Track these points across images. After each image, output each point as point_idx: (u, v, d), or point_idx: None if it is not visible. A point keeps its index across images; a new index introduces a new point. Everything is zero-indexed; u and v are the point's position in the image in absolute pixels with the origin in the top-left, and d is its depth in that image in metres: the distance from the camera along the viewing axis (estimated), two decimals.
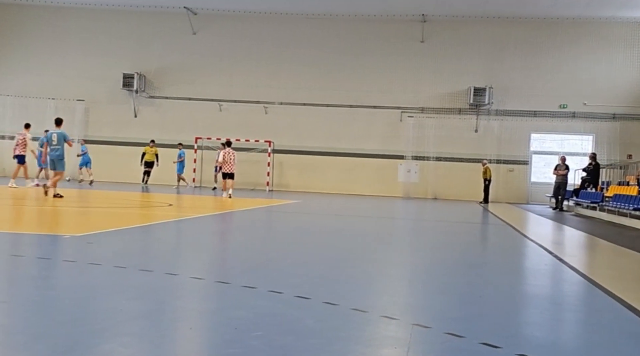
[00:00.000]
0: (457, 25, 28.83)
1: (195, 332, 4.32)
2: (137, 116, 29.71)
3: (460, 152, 28.76)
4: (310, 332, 4.27)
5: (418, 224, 15.41)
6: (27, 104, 29.22)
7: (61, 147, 16.16)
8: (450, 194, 28.72)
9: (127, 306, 4.75)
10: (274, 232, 12.16)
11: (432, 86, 28.98)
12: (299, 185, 29.21)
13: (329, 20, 29.12)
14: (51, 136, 16.34)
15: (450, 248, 10.40)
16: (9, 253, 7.19)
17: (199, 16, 29.39)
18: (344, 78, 29.17)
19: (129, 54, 29.55)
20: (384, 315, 4.85)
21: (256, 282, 5.87)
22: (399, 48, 29.13)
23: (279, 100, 29.35)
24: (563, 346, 4.42)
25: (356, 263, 7.99)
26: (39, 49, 29.80)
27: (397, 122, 29.17)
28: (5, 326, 4.18)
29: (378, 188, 29.04)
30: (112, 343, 3.83)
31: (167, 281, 5.88)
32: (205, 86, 29.41)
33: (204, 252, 8.61)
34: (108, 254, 7.48)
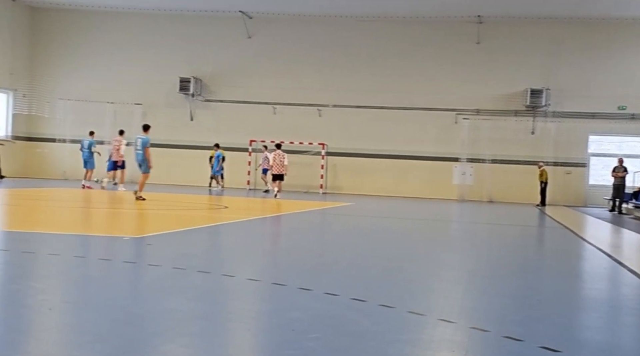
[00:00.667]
0: (514, 26, 28.34)
1: (253, 333, 4.36)
2: (193, 119, 30.20)
3: (517, 154, 28.25)
4: (366, 334, 4.27)
5: (474, 227, 15.21)
6: (87, 108, 30.03)
7: (142, 152, 16.89)
8: (506, 197, 28.24)
9: (186, 307, 4.84)
10: (328, 234, 12.18)
11: (488, 87, 28.56)
12: (352, 187, 29.19)
13: (382, 22, 29.03)
14: (136, 141, 17.17)
15: (507, 251, 10.23)
16: (71, 254, 7.40)
17: (254, 20, 29.70)
18: (397, 80, 29.02)
19: (186, 58, 30.06)
20: (441, 318, 4.80)
21: (312, 284, 5.89)
22: (454, 49, 28.82)
23: (332, 102, 29.40)
24: (623, 351, 4.30)
25: (412, 265, 7.94)
26: (98, 54, 30.58)
27: (452, 124, 28.86)
28: (69, 326, 4.30)
29: (432, 191, 28.77)
30: (173, 343, 3.90)
31: (224, 282, 5.96)
32: (260, 89, 29.68)
33: (260, 254, 8.69)
34: (167, 255, 7.62)
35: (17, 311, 4.52)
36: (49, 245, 7.95)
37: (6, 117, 29.94)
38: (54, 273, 6.21)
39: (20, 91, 30.01)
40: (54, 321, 4.37)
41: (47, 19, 30.79)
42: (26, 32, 30.50)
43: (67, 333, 4.11)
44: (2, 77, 29.14)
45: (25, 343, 3.78)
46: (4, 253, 7.14)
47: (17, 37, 29.91)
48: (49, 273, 6.20)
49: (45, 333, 4.12)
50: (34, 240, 8.31)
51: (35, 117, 30.33)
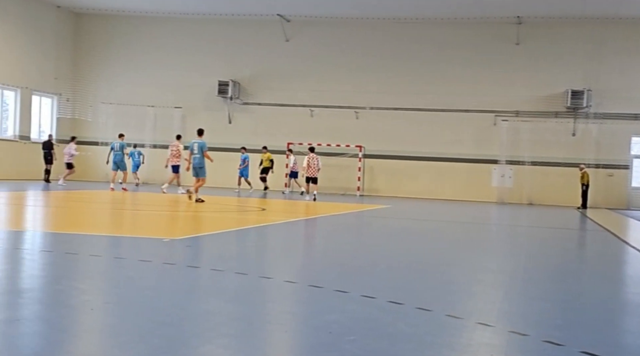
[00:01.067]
0: (554, 27, 27.92)
1: (290, 335, 4.38)
2: (231, 122, 30.46)
3: (557, 156, 27.81)
4: (404, 337, 4.26)
5: (513, 230, 15.02)
6: (128, 112, 30.54)
7: (200, 155, 17.24)
8: (547, 200, 27.82)
9: (224, 309, 4.89)
10: (365, 237, 12.17)
11: (528, 88, 28.19)
12: (389, 190, 29.09)
13: (420, 23, 28.89)
14: (193, 146, 17.47)
15: (547, 255, 10.09)
16: (112, 255, 7.54)
17: (292, 23, 29.84)
18: (435, 82, 28.84)
19: (224, 61, 30.35)
20: (479, 322, 4.76)
21: (349, 286, 5.90)
22: (493, 50, 28.52)
23: (370, 105, 29.35)
24: None
25: (449, 268, 7.88)
26: (139, 58, 31.08)
27: (491, 126, 28.55)
28: (109, 326, 4.39)
29: (470, 193, 28.51)
30: (211, 344, 3.95)
31: (261, 284, 6.01)
32: (297, 91, 29.80)
33: (296, 256, 8.72)
34: (205, 257, 7.71)
35: (61, 311, 4.63)
36: (91, 246, 8.11)
37: (51, 121, 30.63)
38: (95, 273, 6.33)
39: (64, 95, 30.67)
40: (96, 322, 4.46)
41: (90, 25, 31.41)
42: (70, 37, 31.17)
43: (108, 333, 4.19)
44: (47, 82, 29.83)
45: (69, 342, 3.87)
46: (49, 254, 7.32)
47: (62, 43, 30.59)
48: (91, 273, 6.32)
49: (88, 333, 4.21)
50: (77, 241, 8.49)
51: (79, 120, 30.95)
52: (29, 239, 8.92)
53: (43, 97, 30.04)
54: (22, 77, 28.20)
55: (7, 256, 7.08)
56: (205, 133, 18.76)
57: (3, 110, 28.15)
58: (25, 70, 28.37)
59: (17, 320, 4.24)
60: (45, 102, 30.36)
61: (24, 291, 5.24)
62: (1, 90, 27.62)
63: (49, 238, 9.16)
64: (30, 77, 28.69)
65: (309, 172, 22.38)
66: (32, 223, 11.54)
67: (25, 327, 4.09)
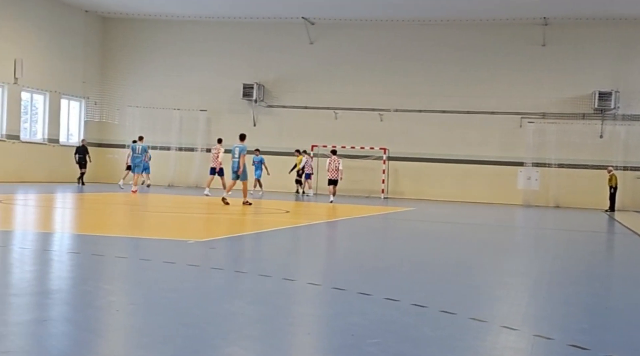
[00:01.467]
0: (581, 28, 27.61)
1: (313, 337, 4.39)
2: (256, 124, 30.59)
3: (584, 158, 27.47)
4: (427, 340, 4.24)
5: (539, 233, 14.88)
6: (154, 115, 30.85)
7: (239, 159, 17.61)
8: (574, 202, 27.50)
9: (247, 310, 4.92)
10: (389, 239, 12.14)
11: (554, 90, 27.90)
12: (413, 192, 28.98)
13: (445, 25, 28.76)
14: (234, 149, 17.87)
15: (573, 258, 9.98)
16: (138, 257, 7.62)
17: (316, 26, 29.89)
18: (460, 84, 28.69)
19: (249, 64, 30.49)
20: (503, 325, 4.73)
21: (372, 289, 5.89)
22: (519, 52, 28.28)
23: (394, 107, 29.28)
24: None
25: (474, 271, 7.84)
26: (165, 61, 31.35)
27: (516, 128, 28.32)
28: (134, 327, 4.44)
29: (495, 196, 28.28)
30: (234, 346, 3.98)
31: (285, 286, 6.03)
32: (322, 94, 29.84)
33: (320, 258, 8.74)
34: (229, 259, 7.76)
35: (87, 311, 4.69)
36: (117, 248, 8.21)
37: (78, 124, 31.04)
38: (121, 275, 6.40)
39: (92, 98, 31.06)
40: (121, 322, 4.51)
41: (117, 29, 31.78)
42: (98, 41, 31.57)
43: (133, 334, 4.23)
44: (75, 86, 30.23)
45: (94, 342, 3.92)
46: (76, 256, 7.42)
47: (89, 47, 31.00)
48: (117, 275, 6.40)
49: (113, 333, 4.26)
50: (104, 243, 8.59)
51: (106, 123, 31.31)
52: (57, 240, 9.05)
53: (71, 100, 30.45)
54: (51, 81, 28.63)
55: (36, 257, 7.20)
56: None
57: (32, 113, 28.60)
58: (54, 74, 28.80)
59: (45, 321, 4.31)
60: (73, 105, 30.77)
61: (51, 292, 5.32)
62: (31, 94, 28.06)
63: (76, 239, 9.28)
64: (59, 81, 29.11)
65: (330, 175, 22.74)
66: (61, 225, 11.71)
67: (52, 327, 4.16)
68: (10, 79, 26.47)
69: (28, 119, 28.29)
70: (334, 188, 22.47)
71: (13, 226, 10.69)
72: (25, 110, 28.04)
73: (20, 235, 9.35)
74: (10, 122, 26.61)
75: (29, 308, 4.70)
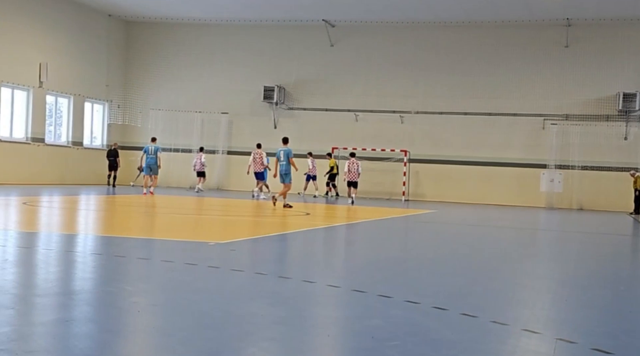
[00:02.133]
0: (605, 28, 27.30)
1: (333, 339, 4.39)
2: (276, 127, 30.67)
3: (608, 160, 27.15)
4: (447, 344, 4.21)
5: (562, 236, 14.73)
6: (176, 117, 31.08)
7: (286, 162, 17.90)
8: (598, 205, 27.18)
9: (267, 312, 4.92)
10: (410, 241, 12.09)
11: (577, 92, 27.61)
12: (435, 195, 28.85)
13: (466, 27, 28.63)
14: (279, 153, 18.11)
15: (597, 261, 9.86)
16: (160, 258, 7.67)
17: (337, 28, 29.91)
18: (481, 85, 28.52)
19: (270, 67, 30.60)
20: (525, 328, 4.69)
21: (392, 291, 5.87)
22: (541, 53, 28.04)
23: (415, 109, 29.19)
24: None
25: (496, 274, 7.78)
26: (187, 64, 31.57)
27: (539, 130, 28.07)
28: (155, 328, 4.47)
29: (518, 198, 28.06)
30: (254, 347, 3.98)
31: (305, 288, 6.03)
32: (342, 96, 29.84)
33: (340, 260, 8.73)
34: (249, 261, 7.78)
35: (110, 312, 4.74)
36: (140, 250, 8.27)
37: (102, 127, 31.37)
38: (143, 276, 6.45)
39: (115, 101, 31.37)
40: (143, 323, 4.54)
41: (139, 33, 32.07)
42: (121, 45, 31.88)
43: (154, 335, 4.26)
44: (99, 89, 30.56)
45: (116, 343, 3.95)
46: (98, 257, 7.49)
47: (113, 51, 31.31)
48: (139, 276, 6.44)
49: (134, 334, 4.29)
50: (126, 245, 8.66)
51: (129, 126, 31.60)
52: (81, 242, 9.14)
53: (95, 103, 30.78)
54: (75, 85, 28.97)
55: (59, 258, 7.28)
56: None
57: (57, 117, 28.95)
58: (78, 77, 29.14)
59: (68, 321, 4.35)
60: (96, 108, 31.11)
61: (74, 293, 5.38)
62: (55, 97, 28.41)
63: (99, 241, 9.37)
64: (83, 85, 29.44)
65: (349, 177, 23.10)
66: (85, 226, 11.83)
67: (75, 328, 4.20)
68: (35, 82, 26.83)
69: (53, 122, 28.65)
70: (354, 190, 22.74)
71: (38, 228, 10.82)
72: (50, 113, 28.39)
73: (45, 237, 9.46)
74: (35, 125, 26.97)
75: (53, 308, 4.75)
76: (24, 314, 4.55)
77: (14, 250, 7.76)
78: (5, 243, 8.35)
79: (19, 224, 11.35)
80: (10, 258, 7.10)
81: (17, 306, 4.73)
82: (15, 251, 7.66)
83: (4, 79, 25.48)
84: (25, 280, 5.97)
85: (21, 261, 6.99)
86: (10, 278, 5.88)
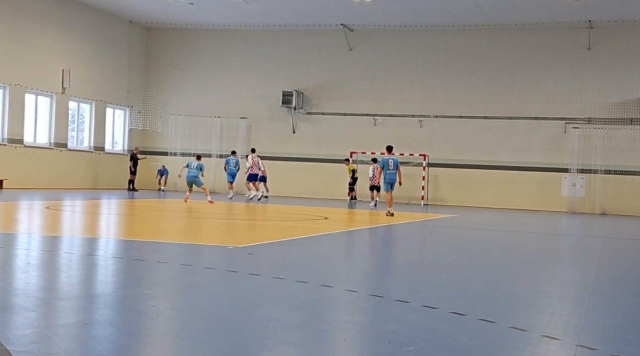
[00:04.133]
0: (627, 30, 27.01)
1: (349, 344, 4.37)
2: (295, 131, 30.72)
3: (632, 164, 26.82)
4: (465, 349, 4.19)
5: (584, 241, 14.57)
6: (195, 123, 31.27)
7: (395, 171, 18.50)
8: (621, 210, 26.86)
9: (284, 316, 4.93)
10: (428, 246, 12.04)
11: (600, 95, 27.31)
12: (454, 199, 28.69)
13: (486, 30, 28.48)
14: (388, 161, 18.61)
15: (619, 266, 9.74)
16: (179, 262, 7.71)
17: (355, 32, 29.91)
18: (502, 89, 28.34)
19: (288, 72, 30.68)
20: (544, 334, 4.64)
21: (410, 296, 5.85)
22: (563, 56, 27.81)
23: (435, 113, 29.07)
24: None
25: (515, 279, 7.71)
26: (206, 70, 31.77)
27: (561, 134, 27.81)
28: (173, 331, 4.49)
29: (539, 203, 27.81)
30: (270, 351, 3.99)
31: (322, 292, 6.02)
32: (360, 100, 29.82)
33: (358, 265, 8.71)
34: (267, 265, 7.79)
35: (128, 315, 4.77)
36: (159, 253, 8.32)
37: (123, 132, 31.66)
38: (162, 280, 6.49)
39: (135, 107, 31.64)
40: (160, 327, 4.57)
41: (160, 39, 32.33)
42: (141, 51, 32.16)
43: (171, 338, 4.29)
44: (120, 95, 30.85)
45: (134, 346, 3.97)
46: (118, 260, 7.55)
47: (134, 57, 31.60)
48: (158, 280, 6.48)
49: (152, 337, 4.32)
50: (146, 249, 8.72)
51: (149, 131, 31.84)
52: (102, 245, 9.22)
53: (116, 109, 31.08)
54: (96, 91, 29.28)
55: (80, 261, 7.35)
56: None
57: (79, 122, 29.26)
58: (99, 83, 29.44)
59: (87, 324, 4.39)
60: (118, 114, 31.40)
61: (94, 296, 5.42)
62: (77, 103, 28.72)
63: (119, 245, 9.44)
64: (105, 91, 29.75)
65: (373, 181, 24.25)
66: (106, 230, 11.93)
67: (94, 330, 4.23)
68: (58, 88, 27.15)
69: (75, 127, 28.96)
70: (377, 194, 23.70)
71: (60, 232, 10.94)
72: (73, 119, 28.71)
73: (67, 240, 9.55)
74: (58, 130, 27.29)
75: (73, 311, 4.80)
76: (45, 316, 4.60)
77: (36, 254, 7.85)
78: (28, 247, 8.45)
79: (41, 228, 11.49)
80: (32, 261, 7.18)
81: (38, 309, 4.78)
82: (38, 255, 7.75)
83: (28, 86, 25.83)
84: (46, 283, 6.04)
85: (43, 264, 7.07)
86: (33, 281, 5.95)
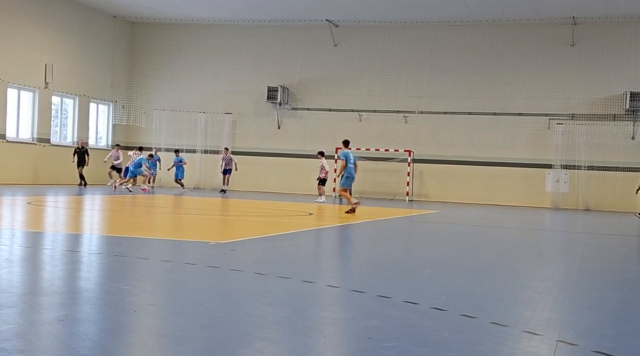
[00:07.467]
0: (612, 27, 27.17)
1: (329, 340, 4.34)
2: (280, 127, 30.65)
3: (615, 160, 27.01)
4: (446, 345, 4.16)
5: (567, 236, 14.63)
6: (180, 118, 31.11)
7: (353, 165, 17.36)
8: (604, 205, 27.05)
9: (264, 312, 4.88)
10: (412, 242, 12.03)
11: (583, 91, 27.48)
12: (439, 195, 28.76)
13: (470, 26, 28.53)
14: (349, 155, 17.75)
15: (603, 262, 9.78)
16: (159, 258, 7.64)
17: (340, 28, 29.86)
18: (486, 85, 28.43)
19: (273, 67, 30.58)
20: (525, 330, 4.63)
21: (392, 292, 5.82)
22: (547, 52, 27.94)
23: (420, 109, 29.11)
24: None
25: (498, 275, 7.71)
26: (190, 65, 31.59)
27: (545, 130, 27.95)
28: (150, 328, 4.43)
29: (523, 198, 27.94)
30: (250, 347, 3.94)
31: (303, 288, 5.98)
32: (346, 96, 29.79)
33: (340, 261, 8.68)
34: (249, 261, 7.74)
35: (106, 311, 4.70)
36: (140, 249, 8.24)
37: (107, 128, 31.42)
38: (141, 276, 6.41)
39: (119, 102, 31.41)
40: (139, 323, 4.50)
41: (144, 33, 32.10)
42: (126, 46, 31.93)
43: (149, 335, 4.22)
44: (104, 90, 30.62)
45: (111, 343, 3.91)
46: (98, 256, 7.46)
47: (118, 51, 31.36)
48: (138, 275, 6.41)
49: (130, 334, 4.25)
50: (126, 244, 8.63)
51: (133, 127, 31.64)
52: (83, 241, 9.11)
53: (100, 104, 30.85)
54: (80, 86, 29.03)
55: (59, 257, 7.25)
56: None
57: (63, 117, 28.99)
58: (83, 78, 29.20)
59: (63, 320, 4.32)
60: (101, 109, 31.17)
61: (71, 292, 5.34)
62: (61, 98, 28.47)
63: (100, 240, 9.34)
64: (88, 86, 29.51)
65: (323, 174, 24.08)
66: (90, 226, 11.81)
67: (70, 327, 4.16)
68: (41, 83, 26.89)
69: (58, 122, 28.70)
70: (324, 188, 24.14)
71: (42, 227, 10.81)
72: (56, 114, 28.45)
73: (48, 236, 9.44)
74: (41, 126, 27.04)
75: (50, 307, 4.72)
76: (21, 313, 4.52)
77: (16, 250, 7.74)
78: (9, 242, 8.34)
79: (22, 223, 11.35)
80: (12, 258, 7.07)
81: (15, 305, 4.70)
82: (18, 251, 7.64)
83: (10, 80, 25.55)
84: (24, 279, 5.94)
85: (23, 260, 6.97)
86: (10, 277, 5.86)
